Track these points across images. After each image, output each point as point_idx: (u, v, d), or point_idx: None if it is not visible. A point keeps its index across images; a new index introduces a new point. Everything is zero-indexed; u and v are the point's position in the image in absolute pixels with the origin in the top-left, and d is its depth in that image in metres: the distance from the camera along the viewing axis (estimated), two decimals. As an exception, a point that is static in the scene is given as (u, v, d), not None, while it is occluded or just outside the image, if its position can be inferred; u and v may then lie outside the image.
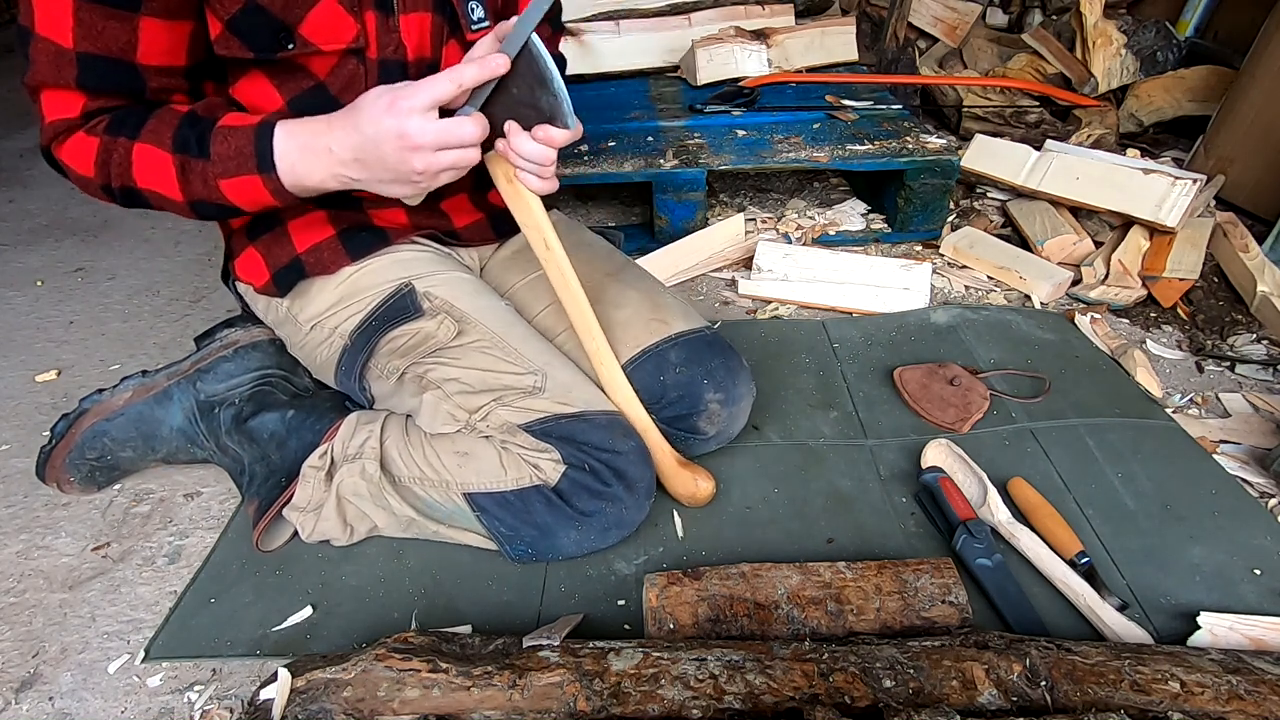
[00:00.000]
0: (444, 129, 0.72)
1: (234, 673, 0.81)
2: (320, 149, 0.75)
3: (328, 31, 0.78)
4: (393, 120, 0.71)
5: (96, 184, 0.77)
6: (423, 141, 0.71)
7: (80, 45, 0.70)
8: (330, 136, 0.74)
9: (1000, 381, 1.19)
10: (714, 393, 0.97)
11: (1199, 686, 0.67)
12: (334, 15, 0.78)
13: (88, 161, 0.76)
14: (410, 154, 0.72)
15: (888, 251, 1.60)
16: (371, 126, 0.72)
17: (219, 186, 0.76)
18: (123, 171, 0.76)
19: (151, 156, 0.75)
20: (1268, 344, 1.28)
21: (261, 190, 0.76)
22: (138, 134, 0.75)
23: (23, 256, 1.70)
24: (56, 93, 0.74)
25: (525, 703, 0.67)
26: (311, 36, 0.78)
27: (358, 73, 0.82)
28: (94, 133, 0.75)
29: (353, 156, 0.74)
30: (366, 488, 0.89)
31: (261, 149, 0.74)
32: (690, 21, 2.02)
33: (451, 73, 0.72)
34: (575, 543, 0.88)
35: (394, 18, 0.81)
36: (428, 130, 0.71)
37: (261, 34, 0.76)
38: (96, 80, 0.73)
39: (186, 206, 0.79)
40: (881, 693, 0.66)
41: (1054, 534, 0.90)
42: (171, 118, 0.76)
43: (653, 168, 1.51)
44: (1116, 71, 2.02)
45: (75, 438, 0.99)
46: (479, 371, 0.88)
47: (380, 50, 0.82)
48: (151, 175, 0.76)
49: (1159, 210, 1.43)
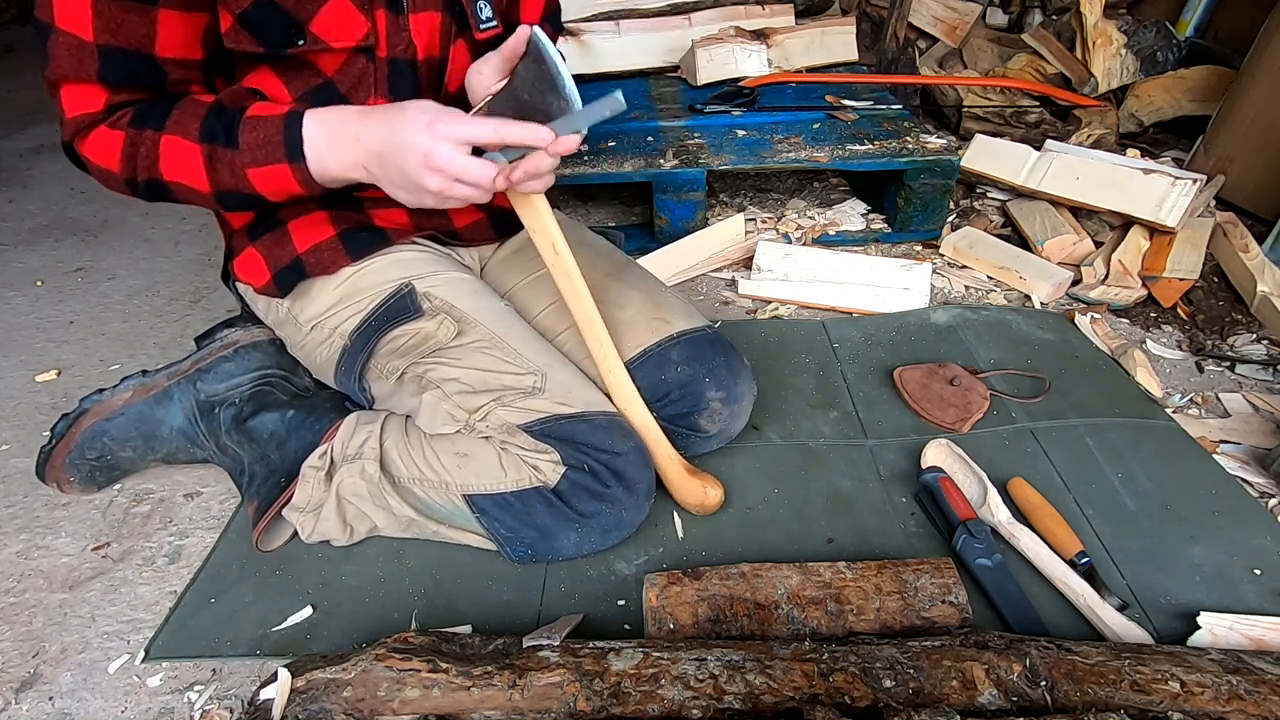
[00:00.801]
0: (468, 166, 0.74)
1: (234, 673, 0.81)
2: (349, 137, 0.76)
3: (339, 29, 0.79)
4: (427, 138, 0.72)
5: (121, 178, 0.78)
6: (446, 168, 0.73)
7: (101, 38, 0.71)
8: (361, 126, 0.75)
9: (1000, 381, 1.19)
10: (716, 391, 0.97)
11: (1199, 686, 0.67)
12: (345, 12, 0.78)
13: (113, 156, 0.76)
14: (430, 173, 0.73)
15: (888, 251, 1.60)
16: (404, 134, 0.73)
17: (247, 176, 0.77)
18: (149, 164, 0.76)
19: (178, 148, 0.75)
20: (1268, 344, 1.28)
21: (290, 179, 0.77)
22: (163, 126, 0.75)
23: (23, 256, 1.70)
24: (78, 87, 0.74)
25: (525, 703, 0.67)
26: (322, 33, 0.78)
27: (366, 71, 0.83)
28: (118, 126, 0.75)
29: (377, 151, 0.75)
30: (366, 488, 0.89)
31: (291, 138, 0.75)
32: (690, 21, 2.02)
33: (500, 125, 0.74)
34: (575, 544, 0.88)
35: (404, 16, 0.82)
36: (455, 162, 0.73)
37: (272, 29, 0.77)
38: (118, 73, 0.73)
39: (213, 197, 0.79)
40: (881, 693, 0.66)
41: (1054, 534, 0.90)
42: (197, 108, 0.76)
43: (653, 168, 1.51)
44: (1116, 71, 2.02)
45: (75, 437, 0.99)
46: (479, 371, 0.88)
47: (390, 49, 0.82)
48: (178, 167, 0.76)
49: (1159, 210, 1.43)
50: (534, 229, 0.88)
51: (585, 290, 0.90)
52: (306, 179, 0.77)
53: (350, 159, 0.76)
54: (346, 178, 0.79)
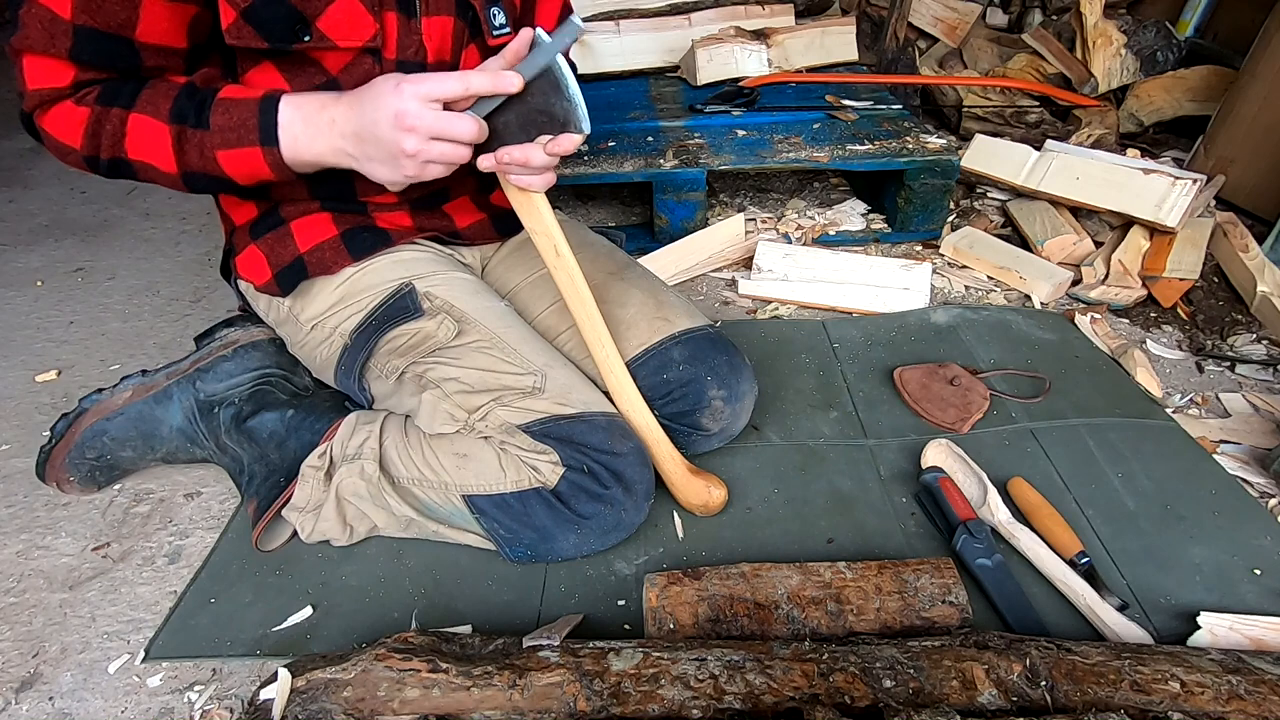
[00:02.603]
0: (440, 118, 0.73)
1: (234, 673, 0.81)
2: (324, 121, 0.75)
3: (346, 27, 0.79)
4: (394, 99, 0.72)
5: (80, 154, 0.76)
6: (418, 124, 0.72)
7: (79, 18, 0.70)
8: (335, 109, 0.75)
9: (1000, 381, 1.19)
10: (717, 389, 0.97)
11: (1199, 686, 0.67)
12: (354, 11, 0.78)
13: (75, 132, 0.75)
14: (404, 134, 0.72)
15: (888, 251, 1.60)
16: (374, 103, 0.73)
17: (216, 158, 0.76)
18: (114, 143, 0.75)
19: (147, 127, 0.74)
20: (1268, 344, 1.28)
21: (260, 163, 0.77)
22: (133, 104, 0.74)
23: (23, 256, 1.70)
24: (43, 60, 0.72)
25: (525, 703, 0.67)
26: (329, 31, 0.78)
27: (372, 71, 0.82)
28: (84, 103, 0.74)
29: (353, 129, 0.75)
30: (366, 488, 0.89)
31: (265, 122, 0.75)
32: (690, 21, 2.02)
33: (462, 75, 0.74)
34: (574, 545, 0.88)
35: (416, 20, 0.82)
36: (425, 116, 0.72)
37: (278, 24, 0.76)
38: (91, 54, 0.72)
39: (179, 178, 0.78)
40: (881, 693, 0.66)
41: (1054, 534, 0.90)
42: (169, 89, 0.75)
43: (653, 168, 1.51)
44: (1116, 71, 2.02)
45: (75, 437, 0.99)
46: (478, 371, 0.88)
47: (400, 51, 0.82)
48: (145, 146, 0.75)
49: (1159, 210, 1.43)
50: (535, 230, 0.88)
51: (587, 292, 0.90)
52: (277, 163, 0.77)
53: (328, 144, 0.76)
54: (322, 163, 0.78)
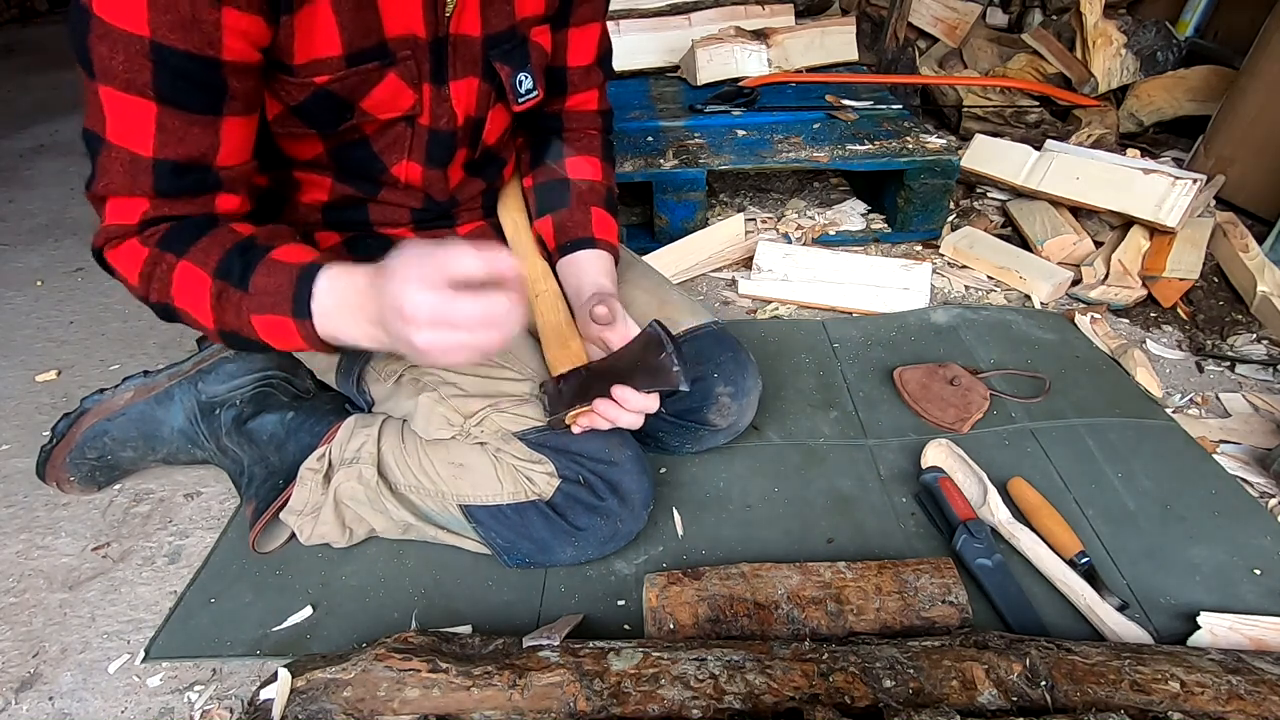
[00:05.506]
0: (438, 305, 0.60)
1: (234, 673, 0.81)
2: (354, 307, 0.68)
3: (388, 103, 0.78)
4: (398, 288, 0.61)
5: (138, 292, 0.74)
6: (416, 316, 0.60)
7: (161, 152, 0.67)
8: (365, 295, 0.67)
9: (1000, 381, 1.19)
10: (724, 386, 0.97)
11: (1199, 686, 0.67)
12: (395, 90, 0.77)
13: (134, 270, 0.72)
14: (407, 329, 0.61)
15: (888, 251, 1.60)
16: (388, 293, 0.62)
17: (251, 321, 0.70)
18: (162, 287, 0.71)
19: (191, 276, 0.70)
20: (1268, 344, 1.28)
21: (294, 333, 0.70)
22: (185, 251, 0.70)
23: (23, 256, 1.70)
24: (128, 200, 0.70)
25: (525, 703, 0.67)
26: (371, 109, 0.78)
27: (404, 134, 0.82)
28: (146, 243, 0.71)
29: (376, 319, 0.66)
30: (364, 492, 0.89)
31: (300, 293, 0.68)
32: (690, 21, 2.02)
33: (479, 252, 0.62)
34: (572, 556, 0.88)
35: (445, 88, 0.81)
36: (422, 305, 0.60)
37: (325, 115, 0.76)
38: (172, 186, 0.69)
39: (216, 334, 0.73)
40: (881, 693, 0.66)
41: (1054, 534, 0.90)
42: (226, 240, 0.71)
43: (653, 168, 1.51)
44: (1116, 71, 2.02)
45: (76, 437, 0.99)
46: (475, 377, 0.88)
47: (433, 120, 0.82)
48: (187, 296, 0.71)
49: (1159, 210, 1.43)
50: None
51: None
52: (311, 335, 0.69)
53: (359, 330, 0.68)
54: (359, 346, 0.70)
